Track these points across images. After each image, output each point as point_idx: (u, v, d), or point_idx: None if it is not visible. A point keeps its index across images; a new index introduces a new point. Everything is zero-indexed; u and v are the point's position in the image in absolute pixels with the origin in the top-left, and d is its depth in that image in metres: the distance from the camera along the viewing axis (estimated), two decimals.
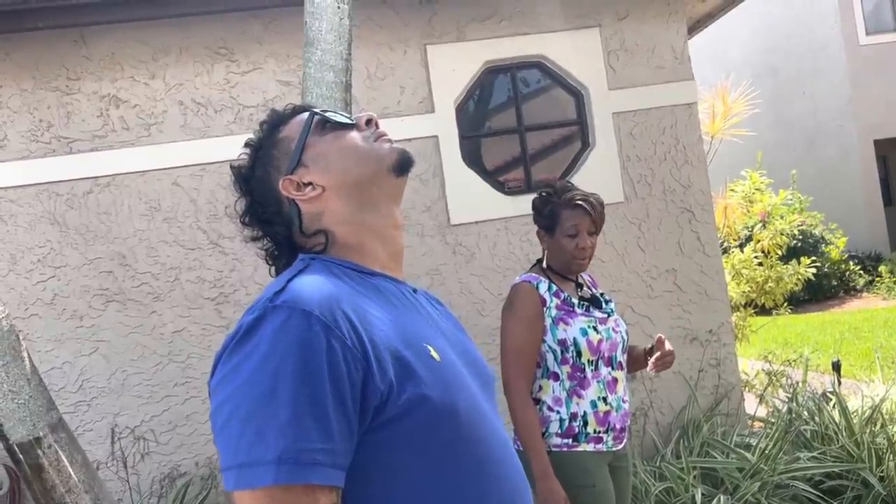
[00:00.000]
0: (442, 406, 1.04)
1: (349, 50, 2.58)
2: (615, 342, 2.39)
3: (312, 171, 1.17)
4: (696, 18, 4.86)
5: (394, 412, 1.00)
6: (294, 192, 1.17)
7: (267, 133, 1.24)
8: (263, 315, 0.98)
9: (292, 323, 0.96)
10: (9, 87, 3.70)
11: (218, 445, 0.97)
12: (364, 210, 1.18)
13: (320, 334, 0.95)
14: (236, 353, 0.98)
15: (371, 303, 1.07)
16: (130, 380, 3.76)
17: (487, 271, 3.99)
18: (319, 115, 1.22)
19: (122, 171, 3.76)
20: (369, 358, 0.98)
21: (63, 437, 2.57)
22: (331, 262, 1.13)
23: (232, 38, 3.84)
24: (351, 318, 1.00)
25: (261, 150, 1.23)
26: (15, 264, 3.68)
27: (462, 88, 4.00)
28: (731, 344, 4.23)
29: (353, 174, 1.18)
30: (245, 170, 1.24)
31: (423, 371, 1.03)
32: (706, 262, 4.21)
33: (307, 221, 1.17)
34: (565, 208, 2.36)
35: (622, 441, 2.39)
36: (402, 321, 1.09)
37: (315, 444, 0.92)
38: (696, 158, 4.23)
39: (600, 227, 2.42)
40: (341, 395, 0.95)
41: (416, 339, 1.08)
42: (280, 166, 1.19)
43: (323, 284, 1.04)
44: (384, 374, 0.99)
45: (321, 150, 1.19)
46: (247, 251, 3.86)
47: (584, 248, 2.35)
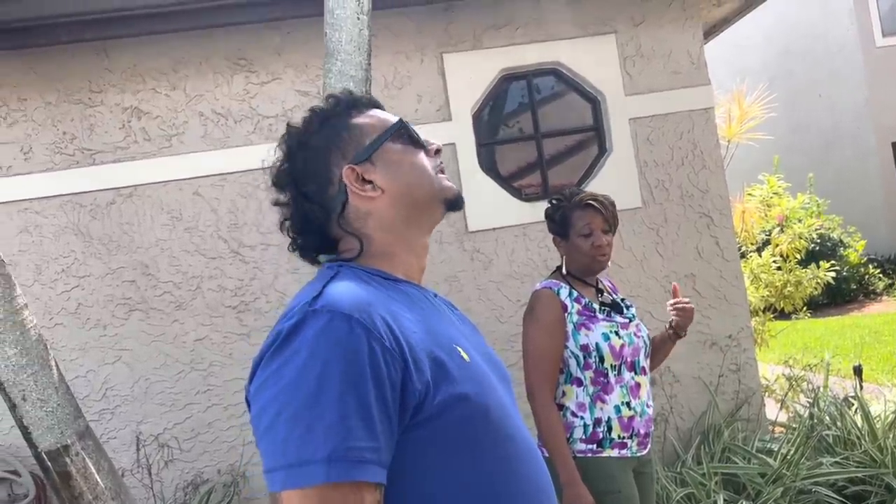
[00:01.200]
0: (476, 405, 1.06)
1: (368, 60, 2.61)
2: (637, 347, 2.39)
3: (378, 172, 1.18)
4: (711, 23, 4.86)
5: (430, 411, 1.02)
6: (354, 183, 1.17)
7: (340, 111, 1.23)
8: (303, 319, 0.99)
9: (333, 326, 0.98)
10: (34, 100, 3.76)
11: (261, 448, 0.98)
12: (409, 226, 1.21)
13: (361, 337, 0.97)
14: (277, 357, 0.99)
15: (402, 306, 1.10)
16: (153, 388, 3.80)
17: (505, 278, 4.00)
18: (405, 125, 1.24)
19: (144, 181, 3.81)
20: (407, 359, 1.00)
21: (90, 444, 2.60)
22: (359, 270, 1.14)
23: (251, 50, 3.89)
24: (388, 321, 1.02)
25: (327, 123, 1.22)
26: (40, 274, 3.74)
27: (479, 96, 4.03)
28: (751, 349, 4.21)
29: (415, 192, 1.20)
30: (304, 135, 1.22)
31: (455, 371, 1.06)
32: (725, 267, 4.20)
33: (352, 215, 1.18)
34: (576, 210, 2.38)
35: (646, 446, 2.39)
36: (431, 324, 1.12)
37: (362, 443, 0.94)
38: (714, 163, 4.22)
39: (614, 227, 2.43)
40: (383, 395, 0.97)
41: (446, 341, 1.11)
42: (346, 151, 1.19)
43: (358, 289, 1.06)
44: (421, 375, 1.01)
45: (394, 157, 1.20)
46: (267, 260, 3.90)
47: (601, 246, 2.36)
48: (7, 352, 2.43)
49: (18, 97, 3.74)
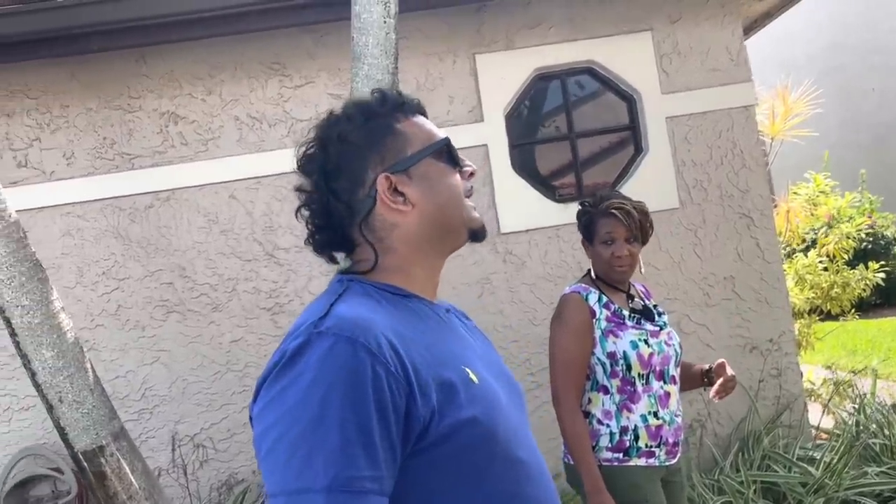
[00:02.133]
0: (482, 430, 1.04)
1: (395, 64, 2.61)
2: (667, 356, 2.33)
3: (413, 186, 1.15)
4: (752, 18, 4.74)
5: (434, 438, 1.00)
6: (386, 193, 1.14)
7: (386, 111, 1.18)
8: (308, 341, 0.98)
9: (338, 349, 0.96)
10: (75, 106, 3.85)
11: (263, 471, 0.97)
12: (432, 246, 1.19)
13: (366, 361, 0.95)
14: (281, 378, 0.97)
15: (410, 327, 1.07)
16: (190, 388, 3.86)
17: (539, 280, 3.96)
18: (448, 144, 1.21)
19: (181, 185, 3.87)
20: (412, 384, 0.98)
21: (124, 445, 2.66)
22: (369, 285, 1.12)
23: (285, 54, 3.92)
24: (394, 345, 0.99)
25: (371, 122, 1.16)
26: (82, 277, 3.83)
27: (511, 96, 3.99)
28: (792, 353, 4.09)
29: (445, 214, 1.18)
30: (345, 127, 1.16)
31: (463, 395, 1.04)
32: (766, 269, 4.09)
33: (377, 223, 1.14)
34: (600, 217, 2.34)
35: (676, 456, 2.34)
36: (440, 345, 1.10)
37: (364, 472, 0.93)
38: (755, 162, 4.11)
39: (642, 235, 2.36)
40: (386, 422, 0.95)
41: (455, 363, 1.08)
42: (385, 156, 1.15)
43: (365, 310, 1.04)
44: (427, 401, 0.99)
45: (432, 175, 1.17)
46: (301, 262, 3.93)
47: (620, 257, 2.31)
48: (44, 354, 2.50)
49: (61, 104, 3.84)
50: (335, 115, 1.18)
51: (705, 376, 2.38)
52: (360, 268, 1.16)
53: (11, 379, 3.74)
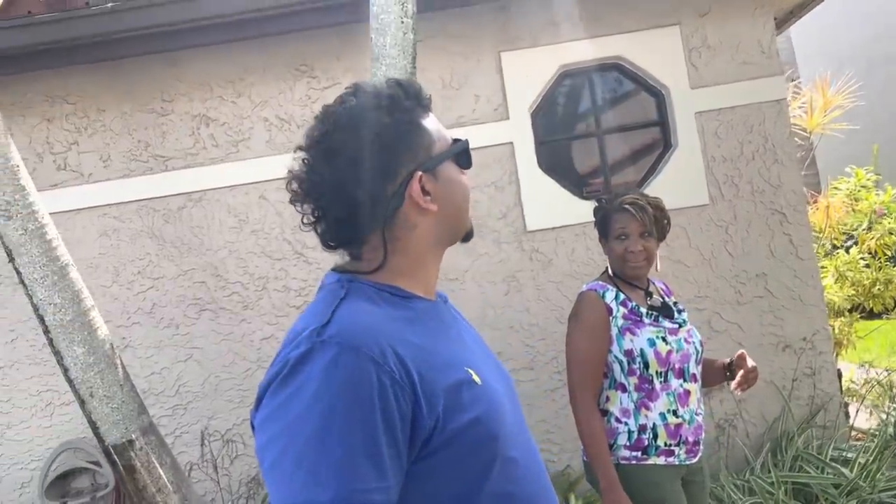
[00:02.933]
0: (484, 431, 1.04)
1: (413, 64, 2.63)
2: (687, 353, 2.30)
3: (438, 187, 1.13)
4: (787, 9, 4.63)
5: (438, 443, 0.99)
6: (418, 192, 1.10)
7: (410, 106, 1.13)
8: (311, 350, 0.96)
9: (342, 359, 0.94)
10: (111, 110, 3.96)
11: (268, 483, 0.96)
12: (439, 248, 1.19)
13: (370, 371, 0.94)
14: (284, 388, 0.95)
15: (413, 330, 1.06)
16: (222, 385, 3.94)
17: (565, 277, 3.94)
18: (467, 148, 1.19)
19: (213, 186, 3.96)
20: (417, 392, 0.97)
21: (153, 439, 2.73)
22: (370, 287, 1.10)
23: (312, 56, 3.97)
24: (398, 352, 0.98)
25: (398, 113, 1.11)
26: (118, 276, 3.94)
27: (537, 94, 3.98)
28: (827, 352, 3.99)
29: (459, 215, 1.18)
30: (374, 115, 1.09)
31: (466, 397, 1.03)
32: (800, 266, 4.00)
33: (398, 223, 1.11)
34: (614, 213, 2.33)
35: (696, 454, 2.31)
36: (443, 348, 1.09)
37: (370, 484, 0.92)
38: (787, 157, 4.03)
39: (657, 231, 2.33)
40: (392, 431, 0.94)
41: (458, 365, 1.07)
42: (416, 153, 1.11)
43: (367, 316, 1.02)
44: (432, 409, 0.98)
45: (453, 176, 1.16)
46: (329, 261, 3.95)
47: (634, 252, 2.29)
48: (76, 351, 2.58)
49: (98, 108, 3.95)
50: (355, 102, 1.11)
51: (727, 370, 2.35)
52: (362, 267, 1.13)
53: (53, 375, 3.86)
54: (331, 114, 1.12)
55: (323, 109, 1.14)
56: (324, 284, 1.18)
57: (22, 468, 3.93)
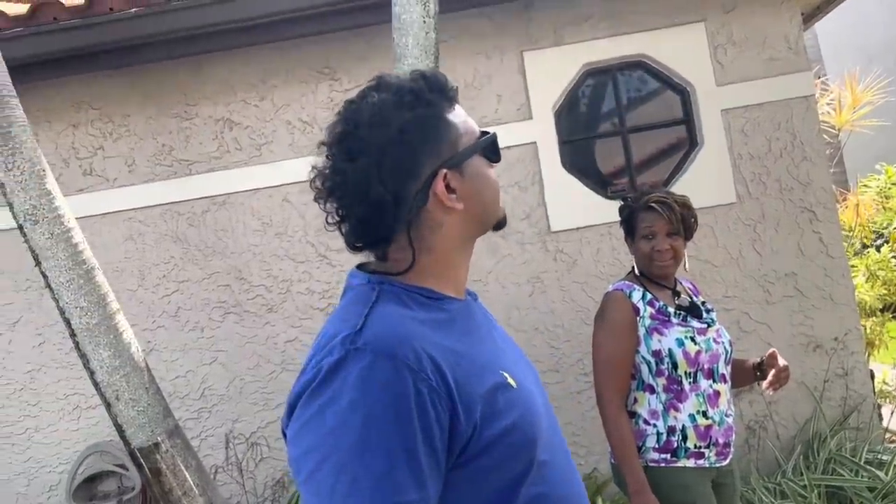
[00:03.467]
0: (521, 436, 1.02)
1: (436, 64, 2.61)
2: (716, 353, 2.26)
3: (465, 183, 1.09)
4: (815, 4, 4.55)
5: (475, 450, 0.97)
6: (443, 189, 1.07)
7: (434, 99, 1.09)
8: (345, 358, 0.93)
9: (378, 367, 0.92)
10: (136, 115, 3.99)
11: (305, 495, 0.94)
12: (468, 245, 1.16)
13: (407, 379, 0.92)
14: (318, 397, 0.93)
15: (446, 334, 1.04)
16: (247, 388, 3.95)
17: (590, 278, 3.90)
18: (495, 140, 1.15)
19: (237, 189, 3.96)
20: (454, 399, 0.95)
21: (178, 442, 2.73)
22: (400, 289, 1.07)
23: (334, 58, 3.97)
24: (434, 358, 0.96)
25: (421, 107, 1.07)
26: (143, 280, 3.96)
27: (560, 93, 3.94)
28: (860, 352, 3.91)
29: (488, 211, 1.15)
30: (397, 111, 1.05)
31: (503, 404, 1.01)
32: (830, 265, 3.92)
33: (423, 222, 1.08)
34: (640, 211, 2.30)
35: (726, 457, 2.27)
36: (477, 351, 1.06)
37: (411, 496, 0.90)
38: (816, 154, 3.95)
39: (684, 230, 2.30)
40: (431, 440, 0.92)
41: (494, 368, 1.05)
42: (441, 150, 1.07)
43: (401, 321, 1.00)
44: (469, 416, 0.96)
45: (481, 171, 1.12)
46: (353, 263, 3.96)
47: (661, 251, 2.26)
48: (102, 354, 2.59)
49: (122, 113, 3.98)
50: (377, 97, 1.07)
51: (757, 370, 2.31)
52: (391, 268, 1.10)
53: (80, 378, 3.89)
54: (353, 110, 1.09)
55: (345, 105, 1.11)
56: (351, 285, 1.15)
57: (50, 471, 3.96)
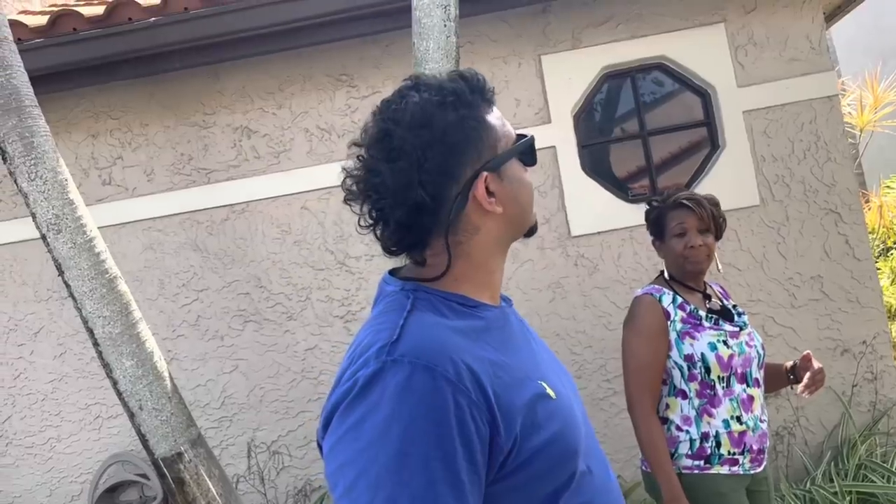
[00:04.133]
0: (561, 448, 1.00)
1: (457, 67, 2.58)
2: (749, 357, 2.22)
3: (504, 187, 1.08)
4: (836, 4, 4.50)
5: (516, 464, 0.95)
6: (483, 193, 1.05)
7: (475, 101, 1.07)
8: (382, 370, 0.91)
9: (416, 380, 0.90)
10: (154, 124, 4.00)
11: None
12: (504, 249, 1.14)
13: (446, 391, 0.90)
14: (354, 409, 0.91)
15: (484, 344, 1.01)
16: (268, 396, 3.93)
17: (612, 283, 3.86)
18: (532, 144, 1.14)
19: (255, 197, 3.96)
20: (494, 412, 0.93)
21: (202, 452, 2.71)
22: (436, 296, 1.05)
23: (351, 65, 3.96)
24: (473, 370, 0.93)
25: (464, 111, 1.05)
26: (163, 289, 3.96)
27: (579, 96, 3.91)
28: (889, 356, 3.84)
29: (525, 216, 1.13)
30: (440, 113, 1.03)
31: (543, 416, 0.99)
32: (857, 267, 3.86)
33: (462, 226, 1.06)
34: (670, 210, 2.27)
35: (761, 463, 2.22)
36: (515, 361, 1.04)
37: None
38: (841, 155, 3.90)
39: (715, 227, 2.27)
40: (471, 453, 0.90)
41: (532, 378, 1.03)
42: (481, 152, 1.06)
43: (438, 331, 0.97)
44: (510, 430, 0.94)
45: (518, 174, 1.11)
46: (372, 270, 3.96)
47: (694, 247, 2.22)
48: (125, 363, 2.58)
49: (141, 123, 3.99)
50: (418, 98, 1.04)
51: (790, 373, 2.26)
52: (425, 274, 1.08)
53: (101, 388, 3.90)
54: (391, 110, 1.05)
55: (382, 104, 1.08)
56: (384, 292, 1.11)
57: (72, 481, 3.96)
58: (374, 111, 1.09)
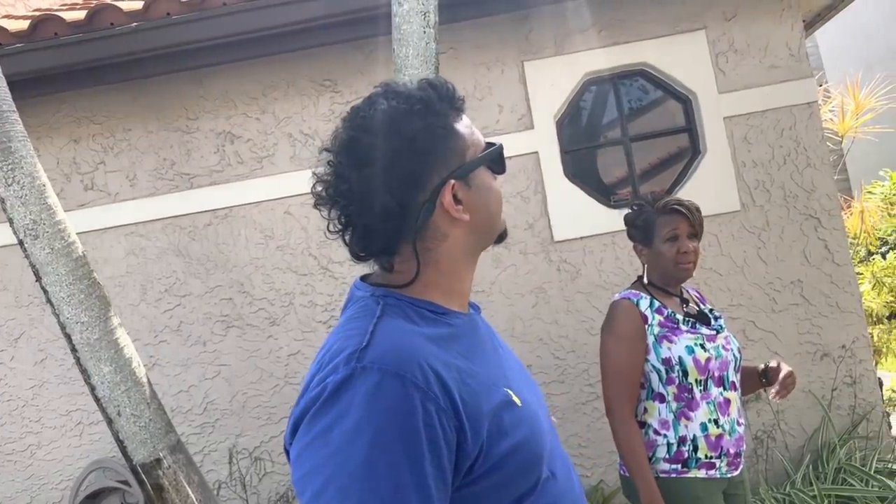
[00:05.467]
0: (527, 454, 1.01)
1: (436, 74, 2.60)
2: (726, 361, 2.24)
3: (471, 194, 1.09)
4: (815, 12, 4.55)
5: (482, 470, 0.96)
6: (450, 200, 1.06)
7: (443, 109, 1.08)
8: (351, 376, 0.91)
9: (386, 386, 0.90)
10: (137, 129, 3.98)
11: None
12: (473, 256, 1.15)
13: (415, 398, 0.90)
14: (323, 416, 0.91)
15: (452, 351, 1.02)
16: (250, 402, 3.92)
17: (595, 288, 3.87)
18: (501, 153, 1.15)
19: (238, 202, 3.95)
20: (461, 418, 0.94)
21: (181, 458, 2.70)
22: (405, 302, 1.06)
23: (335, 70, 3.97)
24: (441, 376, 0.94)
25: (432, 119, 1.05)
26: (145, 294, 3.94)
27: (562, 102, 3.93)
28: (868, 360, 3.87)
29: (493, 223, 1.14)
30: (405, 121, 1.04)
31: (509, 423, 1.00)
32: (836, 272, 3.89)
33: (430, 234, 1.07)
34: (661, 215, 2.28)
35: (737, 467, 2.23)
36: (482, 368, 1.05)
37: None
38: (820, 161, 3.93)
39: (700, 234, 2.30)
40: (439, 461, 0.91)
41: (498, 386, 1.04)
42: (449, 160, 1.06)
43: (408, 338, 0.98)
44: (476, 436, 0.95)
45: (486, 182, 1.12)
46: (355, 275, 3.95)
47: (686, 253, 2.24)
48: (103, 369, 2.57)
49: (124, 128, 3.98)
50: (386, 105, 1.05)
51: (762, 376, 2.29)
52: (395, 280, 1.09)
53: (82, 394, 3.87)
54: (360, 117, 1.07)
55: (351, 111, 1.09)
56: (353, 297, 1.13)
57: (52, 488, 3.93)
58: (344, 118, 1.10)
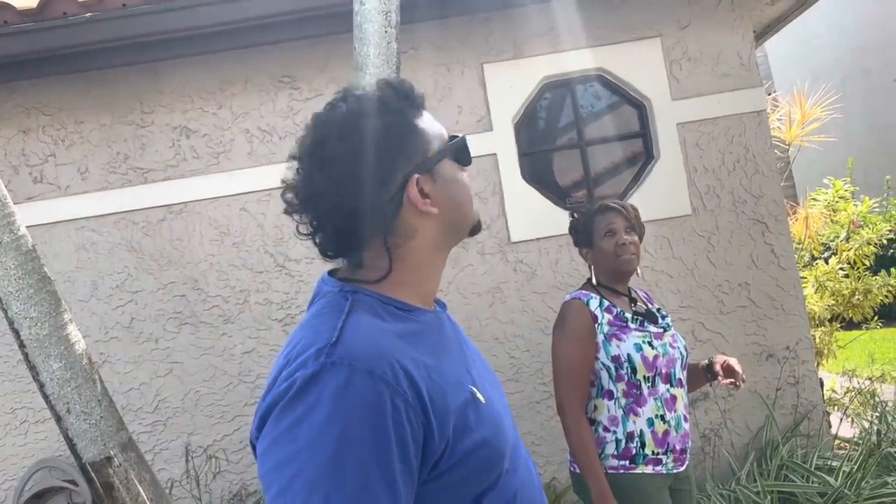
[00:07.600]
0: (490, 451, 1.03)
1: (397, 73, 2.61)
2: (673, 358, 2.31)
3: (437, 188, 1.10)
4: (765, 23, 4.69)
5: (447, 465, 0.98)
6: (416, 194, 1.07)
7: (401, 107, 1.10)
8: (320, 371, 0.91)
9: (355, 382, 0.91)
10: (90, 122, 3.91)
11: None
12: (443, 250, 1.16)
13: (384, 394, 0.91)
14: (291, 411, 0.91)
15: (420, 348, 1.03)
16: (203, 400, 3.88)
17: (550, 289, 3.93)
18: (465, 144, 1.17)
19: (194, 198, 3.91)
20: (428, 414, 0.95)
21: (132, 456, 2.67)
22: (374, 298, 1.06)
23: (295, 67, 3.95)
24: (409, 373, 0.95)
25: (391, 118, 1.07)
26: (96, 290, 3.87)
27: (520, 105, 3.98)
28: (810, 361, 4.01)
29: (463, 215, 1.15)
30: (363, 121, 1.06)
31: (473, 420, 1.02)
32: (782, 276, 4.02)
33: (399, 230, 1.08)
34: (597, 214, 2.39)
35: (683, 463, 2.30)
36: (448, 366, 1.06)
37: None
38: (768, 167, 4.06)
39: (639, 231, 2.40)
40: (406, 455, 0.92)
41: (464, 383, 1.06)
42: (411, 156, 1.08)
43: (376, 334, 0.99)
44: (443, 433, 0.96)
45: (451, 174, 1.13)
46: (312, 273, 3.95)
47: (625, 244, 2.32)
48: (52, 366, 2.52)
49: (75, 120, 3.90)
50: (345, 108, 1.08)
51: (707, 371, 2.37)
52: (365, 276, 1.09)
53: (27, 392, 3.78)
54: (321, 122, 1.09)
55: (313, 117, 1.11)
56: (321, 291, 1.13)
57: None
58: (307, 124, 1.12)
